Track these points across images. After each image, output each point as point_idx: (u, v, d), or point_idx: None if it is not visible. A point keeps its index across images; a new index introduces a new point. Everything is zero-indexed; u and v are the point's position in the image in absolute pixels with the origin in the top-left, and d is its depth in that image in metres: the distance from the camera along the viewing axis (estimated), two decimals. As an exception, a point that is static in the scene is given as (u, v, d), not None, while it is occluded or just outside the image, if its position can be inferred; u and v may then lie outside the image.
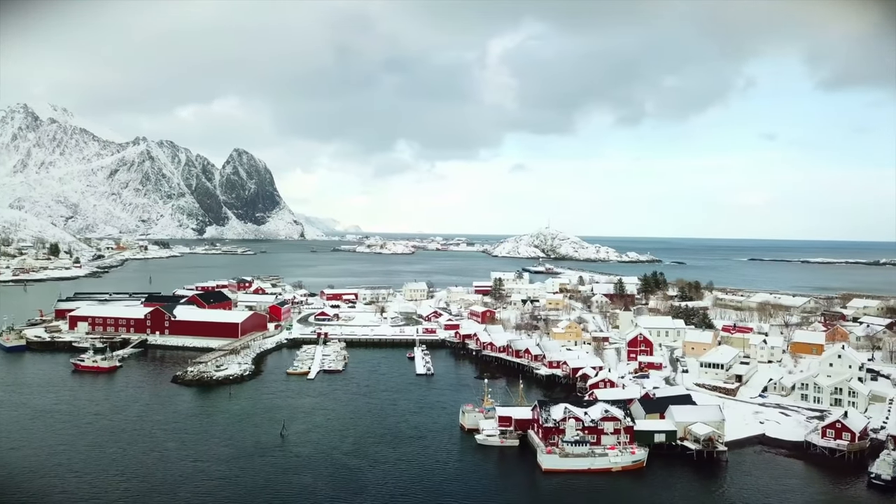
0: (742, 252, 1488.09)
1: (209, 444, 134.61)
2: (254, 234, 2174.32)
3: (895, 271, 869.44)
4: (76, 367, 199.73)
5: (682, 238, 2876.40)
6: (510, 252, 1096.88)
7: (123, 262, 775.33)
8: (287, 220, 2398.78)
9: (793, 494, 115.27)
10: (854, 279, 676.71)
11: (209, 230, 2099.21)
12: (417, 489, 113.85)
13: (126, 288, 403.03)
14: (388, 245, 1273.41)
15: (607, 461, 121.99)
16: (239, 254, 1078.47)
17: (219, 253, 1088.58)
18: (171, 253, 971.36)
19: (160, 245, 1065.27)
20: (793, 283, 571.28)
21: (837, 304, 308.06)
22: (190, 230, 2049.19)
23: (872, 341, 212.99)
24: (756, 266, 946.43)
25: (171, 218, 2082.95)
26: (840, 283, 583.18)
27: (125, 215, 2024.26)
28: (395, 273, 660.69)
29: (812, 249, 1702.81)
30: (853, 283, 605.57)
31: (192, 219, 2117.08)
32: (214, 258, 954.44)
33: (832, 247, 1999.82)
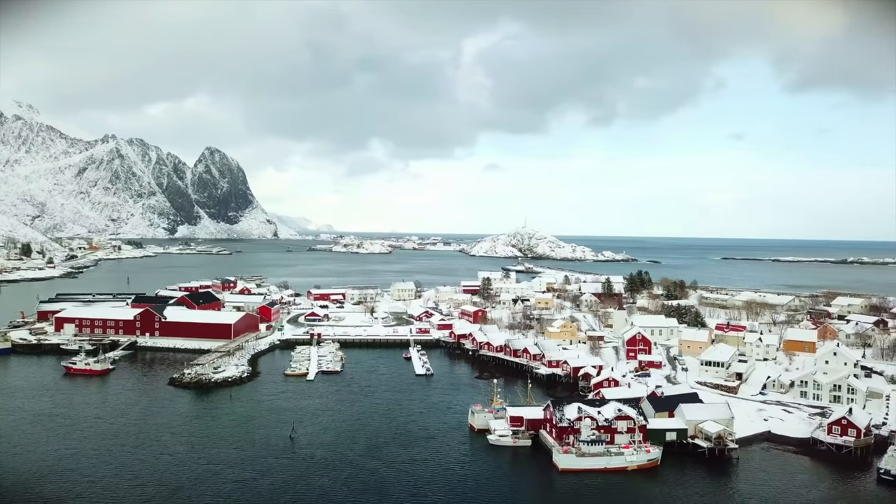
0: (714, 251, 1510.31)
1: (219, 446, 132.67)
2: (226, 234, 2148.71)
3: (863, 269, 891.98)
4: (68, 370, 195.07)
5: (655, 237, 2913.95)
6: (487, 251, 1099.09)
7: (97, 262, 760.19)
8: (260, 220, 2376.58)
9: (805, 490, 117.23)
10: (825, 277, 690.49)
11: (181, 230, 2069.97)
12: (437, 490, 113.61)
13: (104, 289, 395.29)
14: (365, 244, 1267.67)
15: (623, 460, 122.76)
16: (214, 253, 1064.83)
17: (193, 253, 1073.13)
18: (144, 253, 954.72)
19: (133, 245, 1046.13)
20: (768, 282, 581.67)
21: (821, 302, 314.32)
22: (161, 230, 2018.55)
23: (862, 339, 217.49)
24: (730, 265, 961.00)
25: (142, 217, 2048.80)
26: (813, 282, 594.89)
27: (94, 214, 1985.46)
28: (375, 273, 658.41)
29: (781, 248, 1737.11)
30: (824, 281, 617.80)
31: (163, 218, 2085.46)
32: (189, 258, 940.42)
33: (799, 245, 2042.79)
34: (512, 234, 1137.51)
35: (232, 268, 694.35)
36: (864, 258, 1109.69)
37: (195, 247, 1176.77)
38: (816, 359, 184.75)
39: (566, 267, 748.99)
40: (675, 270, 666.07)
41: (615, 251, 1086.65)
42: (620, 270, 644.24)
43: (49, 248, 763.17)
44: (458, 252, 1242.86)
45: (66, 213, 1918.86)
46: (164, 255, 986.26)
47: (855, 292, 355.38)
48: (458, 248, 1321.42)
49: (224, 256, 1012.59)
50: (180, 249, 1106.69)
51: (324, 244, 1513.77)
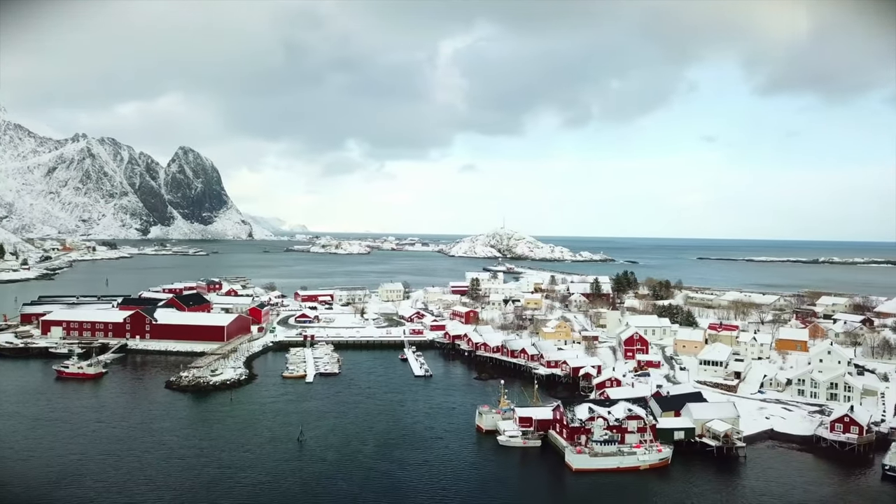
0: (688, 251, 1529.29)
1: (227, 450, 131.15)
2: (200, 234, 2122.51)
3: (833, 269, 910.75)
4: (59, 374, 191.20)
5: (629, 237, 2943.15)
6: (467, 252, 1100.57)
7: (71, 263, 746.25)
8: (235, 220, 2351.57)
9: (816, 486, 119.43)
10: (800, 277, 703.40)
11: (154, 230, 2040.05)
12: (455, 491, 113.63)
13: (82, 290, 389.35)
14: (344, 245, 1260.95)
15: (635, 459, 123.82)
16: (191, 254, 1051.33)
17: (169, 253, 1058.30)
18: (119, 254, 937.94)
19: (108, 246, 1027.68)
20: (745, 281, 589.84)
21: (806, 301, 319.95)
22: (133, 230, 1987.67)
23: (851, 337, 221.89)
24: (706, 265, 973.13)
25: (114, 218, 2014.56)
26: (787, 281, 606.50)
27: (64, 215, 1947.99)
28: (357, 273, 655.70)
29: (752, 248, 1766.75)
30: (798, 280, 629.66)
31: (135, 219, 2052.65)
32: (166, 259, 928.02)
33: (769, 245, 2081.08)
34: (491, 235, 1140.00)
35: (210, 269, 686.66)
36: (835, 258, 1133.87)
37: (171, 248, 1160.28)
38: (811, 358, 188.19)
39: (546, 267, 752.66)
40: (654, 270, 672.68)
41: (593, 251, 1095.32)
42: (600, 270, 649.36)
43: (22, 249, 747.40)
44: (437, 252, 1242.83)
45: (36, 214, 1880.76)
46: (140, 256, 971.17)
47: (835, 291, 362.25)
48: (437, 249, 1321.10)
49: (201, 257, 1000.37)
50: (155, 250, 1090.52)
51: (301, 245, 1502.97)
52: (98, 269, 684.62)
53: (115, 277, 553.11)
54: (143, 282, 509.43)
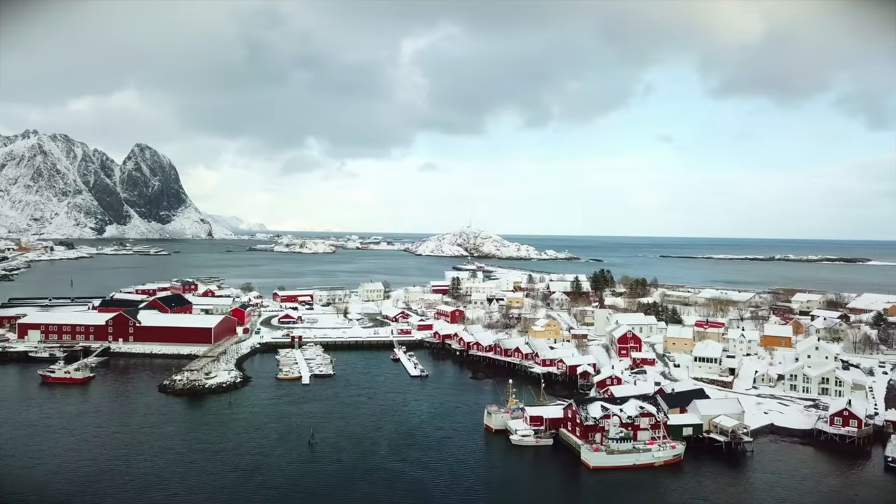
0: (649, 249, 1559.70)
1: (238, 454, 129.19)
2: (158, 234, 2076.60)
3: (789, 266, 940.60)
4: (45, 379, 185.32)
5: (590, 236, 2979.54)
6: (434, 251, 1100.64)
7: (28, 263, 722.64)
8: (194, 219, 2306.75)
9: (823, 478, 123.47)
10: (760, 273, 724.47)
11: (109, 229, 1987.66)
12: (479, 491, 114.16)
13: (45, 292, 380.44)
14: (309, 244, 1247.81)
15: (650, 456, 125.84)
16: (152, 254, 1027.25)
17: (129, 253, 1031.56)
18: (78, 254, 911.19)
19: (65, 246, 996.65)
20: (710, 278, 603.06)
21: (781, 298, 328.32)
22: (88, 229, 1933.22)
23: (831, 333, 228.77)
24: (669, 262, 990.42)
25: (67, 216, 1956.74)
26: (749, 278, 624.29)
27: (14, 214, 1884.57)
28: (328, 273, 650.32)
29: (708, 246, 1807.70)
30: (759, 277, 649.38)
31: (90, 217, 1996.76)
32: (126, 259, 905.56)
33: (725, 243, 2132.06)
34: (457, 234, 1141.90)
35: (174, 269, 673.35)
36: (790, 255, 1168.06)
37: (130, 247, 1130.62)
38: (798, 354, 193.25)
39: (514, 266, 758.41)
40: (620, 268, 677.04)
41: (557, 250, 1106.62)
42: (567, 269, 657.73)
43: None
44: (404, 251, 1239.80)
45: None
46: (100, 256, 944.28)
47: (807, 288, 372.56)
48: (403, 248, 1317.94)
49: (163, 257, 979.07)
50: (115, 250, 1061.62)
51: (263, 244, 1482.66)
52: (58, 270, 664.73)
53: (77, 278, 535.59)
54: (109, 282, 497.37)
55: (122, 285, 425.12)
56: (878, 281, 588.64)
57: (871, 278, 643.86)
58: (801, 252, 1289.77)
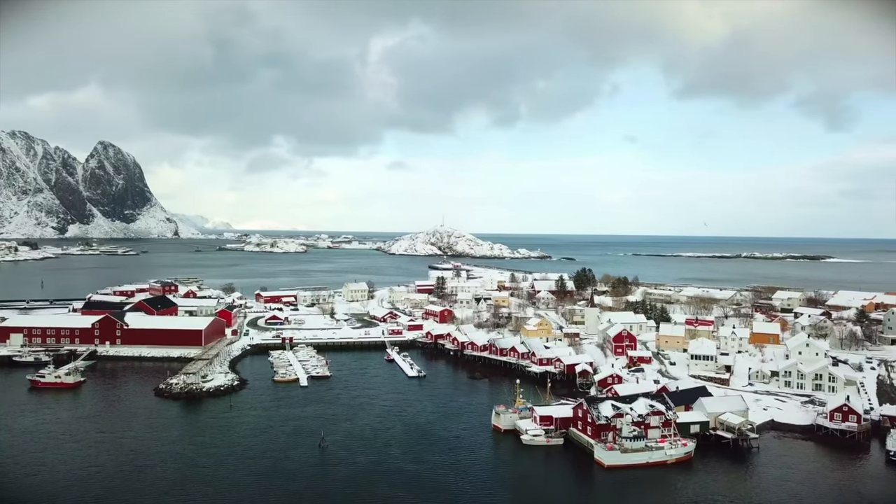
0: (619, 247, 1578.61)
1: (251, 458, 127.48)
2: (123, 233, 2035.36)
3: (756, 263, 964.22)
4: (35, 384, 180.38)
5: (558, 234, 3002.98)
6: (407, 250, 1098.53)
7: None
8: (159, 218, 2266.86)
9: (830, 472, 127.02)
10: (728, 271, 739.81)
11: (72, 229, 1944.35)
12: (499, 491, 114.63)
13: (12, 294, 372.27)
14: (280, 243, 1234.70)
15: (663, 454, 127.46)
16: (120, 254, 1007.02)
17: (96, 253, 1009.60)
18: (43, 254, 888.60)
19: (29, 246, 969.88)
20: (683, 276, 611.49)
21: (762, 296, 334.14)
22: (50, 229, 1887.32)
23: (817, 330, 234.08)
24: (640, 260, 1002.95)
25: (28, 216, 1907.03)
26: (719, 275, 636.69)
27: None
28: (303, 273, 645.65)
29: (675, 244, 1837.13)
30: (729, 274, 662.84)
31: (51, 216, 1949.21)
32: (94, 259, 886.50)
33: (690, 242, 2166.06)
34: (431, 233, 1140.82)
35: (144, 269, 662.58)
36: (756, 253, 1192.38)
37: (97, 247, 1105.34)
38: (790, 350, 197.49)
39: (491, 265, 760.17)
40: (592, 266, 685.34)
41: (530, 248, 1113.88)
42: (541, 267, 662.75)
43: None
44: (376, 251, 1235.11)
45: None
46: (65, 256, 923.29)
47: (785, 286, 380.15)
48: (375, 247, 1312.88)
49: (131, 257, 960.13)
50: (81, 250, 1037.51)
51: (233, 243, 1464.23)
52: (24, 271, 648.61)
53: (46, 279, 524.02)
54: (80, 284, 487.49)
55: (94, 286, 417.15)
56: (844, 278, 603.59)
57: (837, 275, 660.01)
58: (766, 250, 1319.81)
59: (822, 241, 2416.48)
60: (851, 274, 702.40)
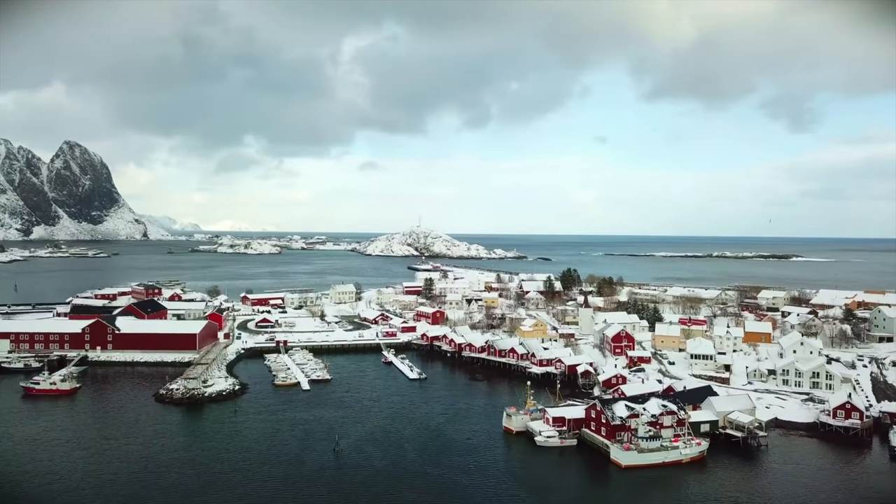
0: (591, 247, 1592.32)
1: (267, 463, 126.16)
2: (90, 235, 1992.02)
3: (728, 263, 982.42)
4: (29, 392, 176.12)
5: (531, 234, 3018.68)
6: (384, 251, 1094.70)
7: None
8: (127, 219, 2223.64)
9: (840, 468, 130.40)
10: (701, 270, 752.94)
11: (37, 230, 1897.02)
12: (521, 493, 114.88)
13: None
14: (254, 245, 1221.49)
15: (679, 453, 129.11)
16: (90, 256, 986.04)
17: (65, 255, 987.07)
18: (12, 257, 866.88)
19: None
20: (657, 275, 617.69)
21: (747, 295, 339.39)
22: (14, 231, 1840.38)
23: (806, 328, 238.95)
24: (614, 260, 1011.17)
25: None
26: (692, 274, 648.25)
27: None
28: (282, 275, 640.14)
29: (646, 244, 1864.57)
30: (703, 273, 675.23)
31: (15, 218, 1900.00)
32: (64, 261, 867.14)
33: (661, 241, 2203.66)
34: (407, 234, 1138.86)
35: (118, 272, 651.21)
36: (727, 252, 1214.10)
37: (67, 249, 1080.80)
38: (784, 349, 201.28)
39: (471, 266, 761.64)
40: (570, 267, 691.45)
41: (506, 249, 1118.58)
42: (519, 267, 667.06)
43: None
44: (351, 251, 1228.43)
45: None
46: (33, 258, 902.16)
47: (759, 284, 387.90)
48: (350, 248, 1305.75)
49: (102, 259, 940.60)
50: (50, 252, 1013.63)
51: (205, 245, 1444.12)
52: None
53: (20, 283, 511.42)
54: (54, 287, 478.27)
55: (70, 290, 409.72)
56: (816, 276, 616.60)
57: (809, 274, 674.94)
58: (734, 249, 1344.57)
59: (786, 240, 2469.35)
60: (821, 272, 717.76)
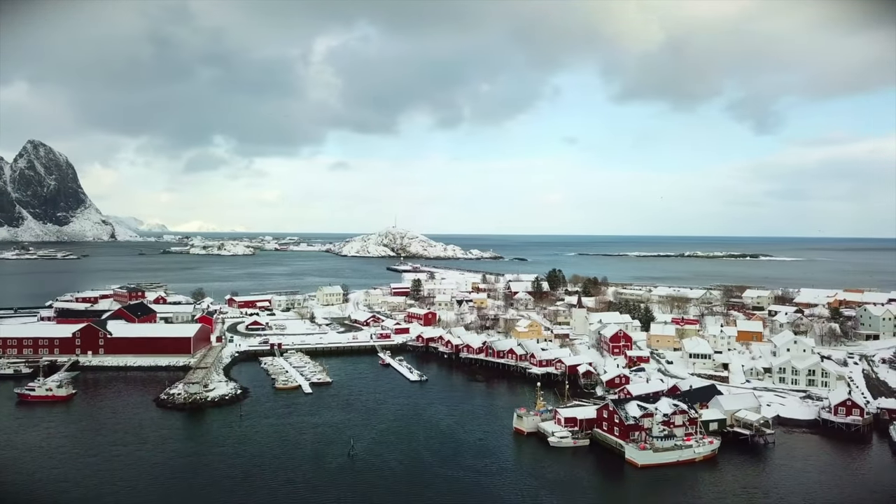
0: (564, 247, 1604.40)
1: (284, 469, 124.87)
2: (56, 236, 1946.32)
3: (700, 262, 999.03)
4: (24, 398, 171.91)
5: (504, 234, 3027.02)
6: (359, 251, 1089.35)
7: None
8: (94, 220, 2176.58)
9: (847, 462, 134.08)
10: (676, 270, 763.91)
11: (0, 232, 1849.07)
12: (545, 494, 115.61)
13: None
14: (227, 245, 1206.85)
15: (692, 452, 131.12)
16: (60, 258, 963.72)
17: (33, 258, 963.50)
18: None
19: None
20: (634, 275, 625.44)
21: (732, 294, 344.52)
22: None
23: (794, 327, 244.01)
24: (588, 260, 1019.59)
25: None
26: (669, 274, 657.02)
27: None
28: (260, 276, 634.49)
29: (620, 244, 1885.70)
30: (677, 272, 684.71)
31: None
32: (32, 264, 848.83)
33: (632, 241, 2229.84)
34: (383, 234, 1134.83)
35: (91, 274, 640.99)
36: (698, 252, 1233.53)
37: (34, 251, 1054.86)
38: (778, 348, 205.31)
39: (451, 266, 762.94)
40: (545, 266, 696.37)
41: (482, 249, 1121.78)
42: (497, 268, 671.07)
43: None
44: (326, 252, 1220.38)
45: None
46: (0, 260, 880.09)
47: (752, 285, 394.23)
48: (325, 249, 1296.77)
49: (72, 261, 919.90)
50: (17, 254, 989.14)
51: (176, 246, 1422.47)
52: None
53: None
54: (26, 290, 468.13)
55: (43, 293, 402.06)
56: (788, 275, 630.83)
57: (781, 272, 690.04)
58: (703, 248, 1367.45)
59: (751, 239, 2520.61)
60: (793, 271, 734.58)
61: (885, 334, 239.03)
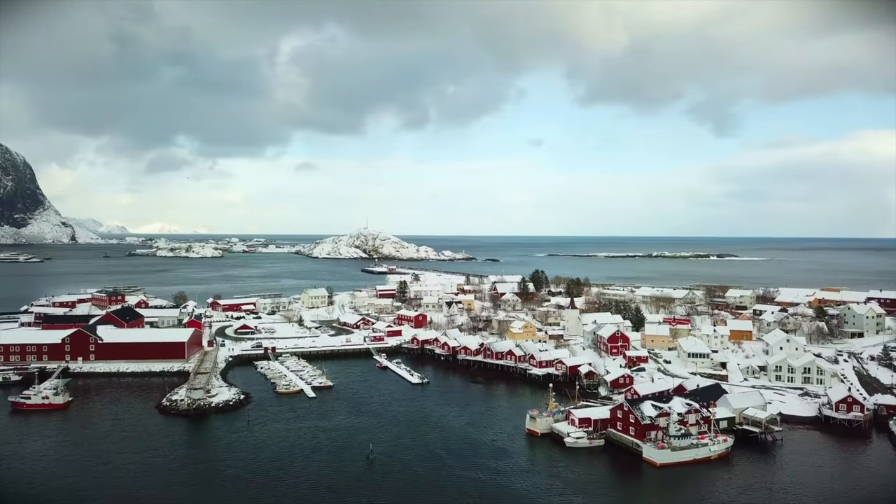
0: (534, 248, 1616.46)
1: (303, 474, 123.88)
2: (13, 238, 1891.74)
3: (668, 262, 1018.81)
4: (18, 407, 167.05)
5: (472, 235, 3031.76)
6: (331, 253, 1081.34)
7: None
8: (54, 222, 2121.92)
9: (855, 457, 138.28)
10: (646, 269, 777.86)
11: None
12: (569, 493, 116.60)
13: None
14: (195, 248, 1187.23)
15: (708, 450, 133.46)
16: (22, 261, 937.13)
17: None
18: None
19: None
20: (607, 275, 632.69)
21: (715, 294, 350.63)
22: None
23: (780, 325, 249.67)
24: (559, 261, 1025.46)
25: None
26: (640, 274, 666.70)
27: None
28: (235, 278, 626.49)
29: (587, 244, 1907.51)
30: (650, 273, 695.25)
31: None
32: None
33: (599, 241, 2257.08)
34: (355, 235, 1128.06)
35: (57, 278, 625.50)
36: (666, 252, 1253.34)
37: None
38: (771, 346, 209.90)
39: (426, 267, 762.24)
40: (517, 267, 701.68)
41: (454, 251, 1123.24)
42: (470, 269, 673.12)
43: None
44: (296, 254, 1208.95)
45: None
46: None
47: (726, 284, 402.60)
48: (295, 250, 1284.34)
49: (35, 265, 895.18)
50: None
51: (142, 248, 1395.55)
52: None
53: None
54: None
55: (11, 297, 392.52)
56: (758, 274, 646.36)
57: (749, 272, 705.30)
58: (672, 249, 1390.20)
59: (714, 239, 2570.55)
60: (760, 270, 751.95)
61: (868, 332, 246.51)
